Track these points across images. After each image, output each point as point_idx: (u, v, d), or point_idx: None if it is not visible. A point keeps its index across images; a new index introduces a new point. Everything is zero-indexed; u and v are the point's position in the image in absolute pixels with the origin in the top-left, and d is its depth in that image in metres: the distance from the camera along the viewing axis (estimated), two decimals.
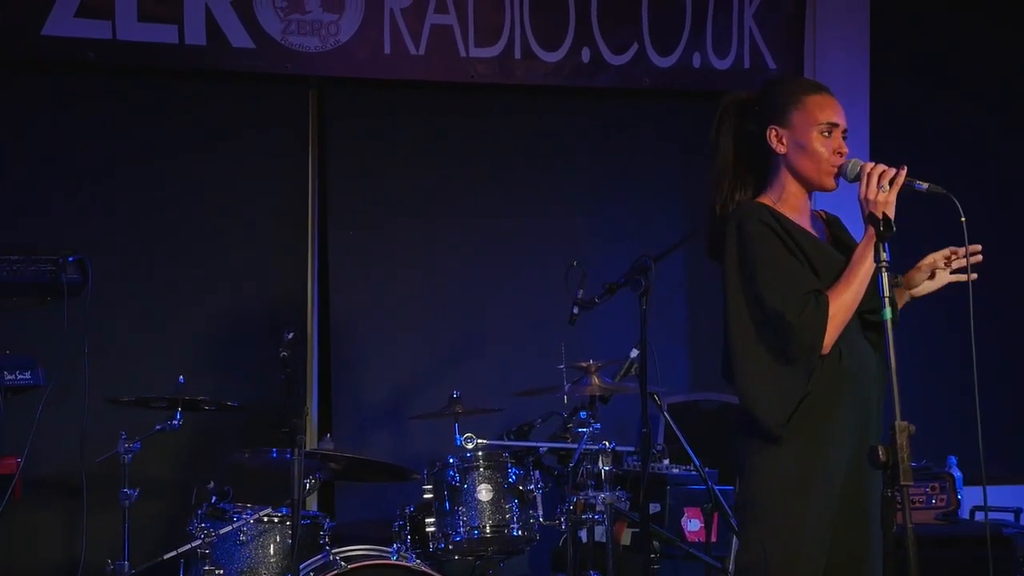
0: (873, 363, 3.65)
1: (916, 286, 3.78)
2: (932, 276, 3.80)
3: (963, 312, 7.46)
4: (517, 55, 6.60)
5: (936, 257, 3.76)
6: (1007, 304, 7.35)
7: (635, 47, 6.74)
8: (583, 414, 5.48)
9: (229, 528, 5.05)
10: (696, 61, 6.79)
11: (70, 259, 4.94)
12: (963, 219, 3.51)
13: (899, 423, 3.26)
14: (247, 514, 5.09)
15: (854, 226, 3.80)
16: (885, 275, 3.38)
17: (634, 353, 5.46)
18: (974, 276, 3.68)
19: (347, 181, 6.60)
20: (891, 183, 3.52)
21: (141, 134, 6.35)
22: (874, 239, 3.50)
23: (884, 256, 3.40)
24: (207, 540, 5.05)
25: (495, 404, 5.87)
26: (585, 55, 6.68)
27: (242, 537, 5.05)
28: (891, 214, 3.51)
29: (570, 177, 6.88)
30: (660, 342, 5.40)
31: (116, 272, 5.99)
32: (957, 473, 6.15)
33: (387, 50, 6.43)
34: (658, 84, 6.79)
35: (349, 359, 6.54)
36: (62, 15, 6.02)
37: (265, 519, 5.09)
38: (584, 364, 5.56)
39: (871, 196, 3.51)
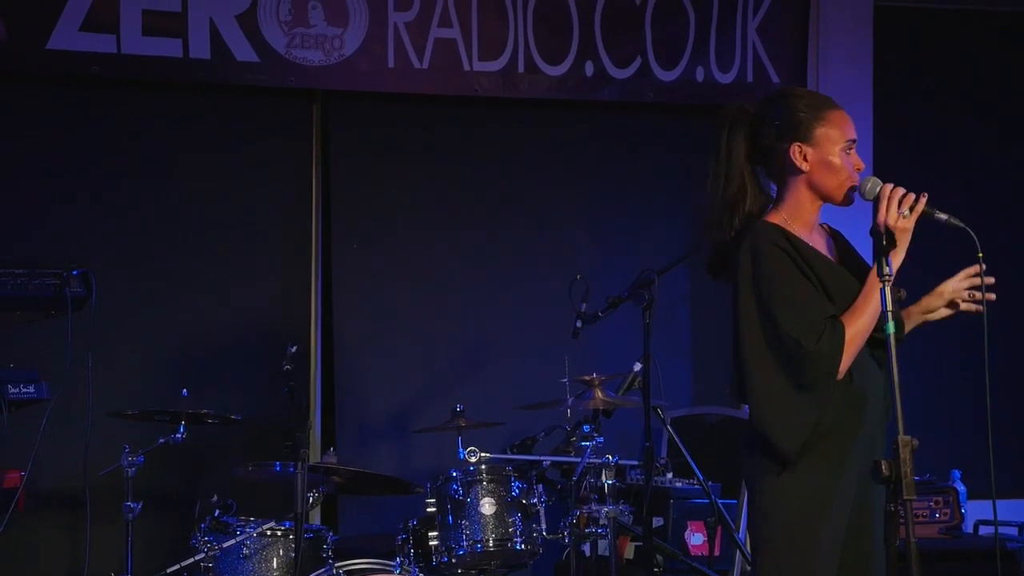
0: (881, 381, 3.62)
1: (932, 311, 3.75)
2: (949, 304, 3.76)
3: (966, 328, 7.46)
4: (521, 69, 6.61)
5: (957, 286, 3.74)
6: (1011, 319, 7.34)
7: (638, 61, 6.74)
8: (586, 428, 5.48)
9: (232, 541, 5.05)
10: (699, 75, 6.79)
11: (74, 273, 4.94)
12: (980, 255, 3.49)
13: (902, 437, 3.26)
14: (250, 527, 5.10)
15: (858, 240, 3.79)
16: (888, 290, 3.38)
17: (637, 367, 5.46)
18: (991, 297, 3.66)
19: (350, 194, 6.60)
20: (911, 209, 3.49)
21: (145, 148, 6.36)
22: (891, 266, 3.48)
23: (887, 270, 3.40)
24: (210, 553, 5.06)
25: (498, 417, 5.87)
26: (588, 69, 6.69)
27: (245, 551, 5.06)
28: (907, 240, 3.50)
29: (573, 190, 6.89)
30: (663, 356, 5.40)
31: (120, 286, 6.00)
32: (961, 487, 6.14)
33: (391, 63, 6.45)
34: (661, 98, 6.80)
35: (352, 372, 6.55)
36: (67, 29, 6.03)
37: (268, 532, 5.10)
38: (587, 378, 5.56)
39: (891, 221, 3.48)
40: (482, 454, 5.31)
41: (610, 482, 5.34)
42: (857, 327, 3.50)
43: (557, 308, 5.78)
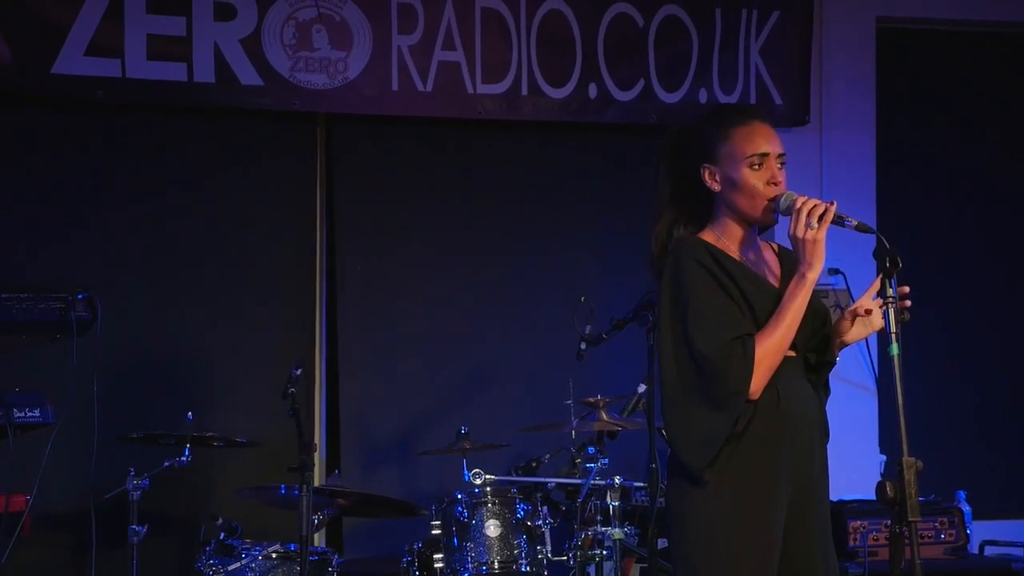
0: (814, 404, 3.60)
1: (845, 333, 3.61)
2: (861, 322, 3.60)
3: (968, 349, 7.48)
4: (524, 91, 6.62)
5: (862, 303, 3.59)
6: (1016, 339, 7.35)
7: (642, 83, 6.76)
8: (591, 449, 5.49)
9: (238, 564, 5.05)
10: (702, 97, 6.81)
11: (79, 297, 4.94)
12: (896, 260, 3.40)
13: (906, 459, 3.26)
14: (255, 550, 5.10)
15: (862, 263, 3.77)
16: (892, 311, 3.37)
17: (642, 388, 5.47)
18: (905, 303, 3.45)
19: (355, 217, 6.61)
20: (820, 220, 3.44)
21: (150, 171, 6.37)
22: (806, 278, 3.45)
23: (891, 292, 3.39)
24: None
25: (503, 440, 5.87)
26: (592, 91, 6.71)
27: (250, 574, 5.06)
28: (822, 252, 3.45)
29: (577, 212, 6.89)
30: None
31: (125, 309, 6.01)
32: (966, 508, 6.13)
33: (395, 86, 6.46)
34: (665, 120, 6.79)
35: (357, 394, 6.55)
36: (72, 53, 6.05)
37: (273, 555, 5.10)
38: (592, 399, 5.56)
39: (799, 233, 3.44)
40: (487, 476, 5.32)
41: (615, 504, 5.34)
42: (768, 345, 3.45)
43: (561, 330, 5.79)
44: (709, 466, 3.46)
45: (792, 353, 3.56)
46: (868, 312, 3.57)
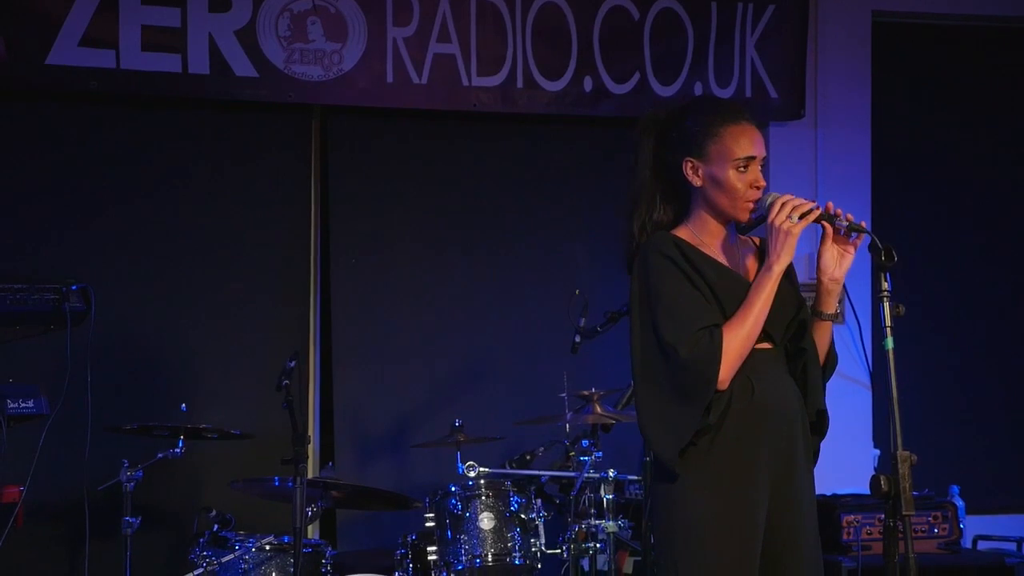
0: (794, 397, 3.59)
1: (832, 268, 3.57)
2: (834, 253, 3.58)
3: (962, 343, 7.48)
4: (519, 84, 6.62)
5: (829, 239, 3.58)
6: (1009, 335, 7.35)
7: (637, 76, 6.75)
8: (585, 442, 5.49)
9: (231, 556, 5.05)
10: (698, 90, 6.80)
11: (73, 288, 4.92)
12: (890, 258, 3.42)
13: (901, 452, 3.26)
14: (249, 542, 5.10)
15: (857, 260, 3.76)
16: (887, 305, 3.37)
17: None
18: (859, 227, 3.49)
19: (349, 209, 6.61)
20: (803, 217, 3.47)
21: (144, 163, 6.37)
22: (772, 269, 3.46)
23: (886, 286, 3.39)
24: (209, 568, 5.06)
25: (497, 432, 5.88)
26: (587, 84, 6.70)
27: (244, 565, 5.06)
28: (793, 245, 3.46)
29: (572, 205, 6.89)
30: None
31: (119, 300, 6.00)
32: (959, 502, 6.14)
33: (390, 79, 6.45)
34: None
35: (351, 387, 6.55)
36: (66, 44, 6.04)
37: (267, 547, 5.10)
38: (586, 392, 5.56)
39: (777, 222, 3.46)
40: (481, 469, 5.32)
41: (609, 497, 5.34)
42: (736, 335, 3.46)
43: (556, 323, 5.79)
44: (679, 456, 3.46)
45: (768, 346, 3.57)
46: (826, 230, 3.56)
